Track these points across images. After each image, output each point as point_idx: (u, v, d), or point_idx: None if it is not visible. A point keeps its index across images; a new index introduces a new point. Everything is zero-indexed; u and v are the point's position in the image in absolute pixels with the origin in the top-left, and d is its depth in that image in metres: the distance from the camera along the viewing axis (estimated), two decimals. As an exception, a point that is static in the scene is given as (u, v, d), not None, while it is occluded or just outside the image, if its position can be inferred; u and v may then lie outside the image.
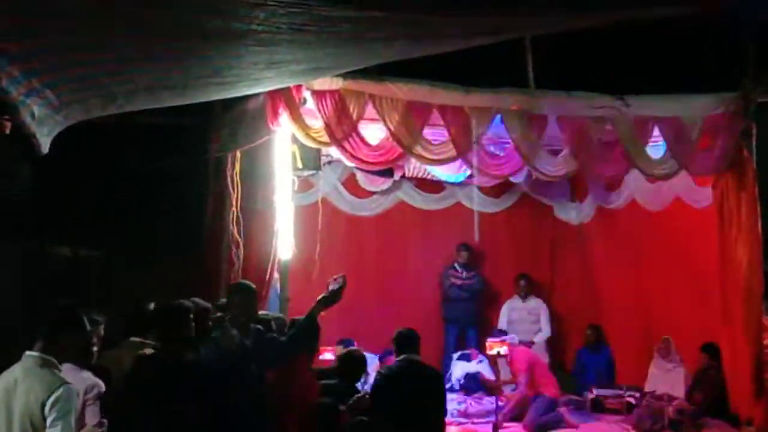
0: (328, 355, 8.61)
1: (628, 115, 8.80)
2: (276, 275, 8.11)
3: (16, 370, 4.56)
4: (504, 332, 10.12)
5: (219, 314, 6.25)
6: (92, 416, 5.12)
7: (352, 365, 6.79)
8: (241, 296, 6.00)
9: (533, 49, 9.08)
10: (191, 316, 5.78)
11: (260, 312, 6.97)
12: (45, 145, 5.39)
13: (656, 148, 9.11)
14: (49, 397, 4.36)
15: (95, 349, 5.61)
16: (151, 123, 8.67)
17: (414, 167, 10.59)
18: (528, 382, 9.56)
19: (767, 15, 6.52)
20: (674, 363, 10.12)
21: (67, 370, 4.86)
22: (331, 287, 6.23)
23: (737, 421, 8.75)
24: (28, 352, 4.62)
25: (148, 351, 5.78)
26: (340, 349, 8.16)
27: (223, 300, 6.65)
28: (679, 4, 5.76)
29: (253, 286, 6.20)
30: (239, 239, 8.38)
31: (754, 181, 8.83)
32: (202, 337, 5.85)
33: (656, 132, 8.95)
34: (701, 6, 5.79)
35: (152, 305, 6.20)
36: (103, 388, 5.26)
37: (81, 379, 5.09)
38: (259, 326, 5.98)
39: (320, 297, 6.16)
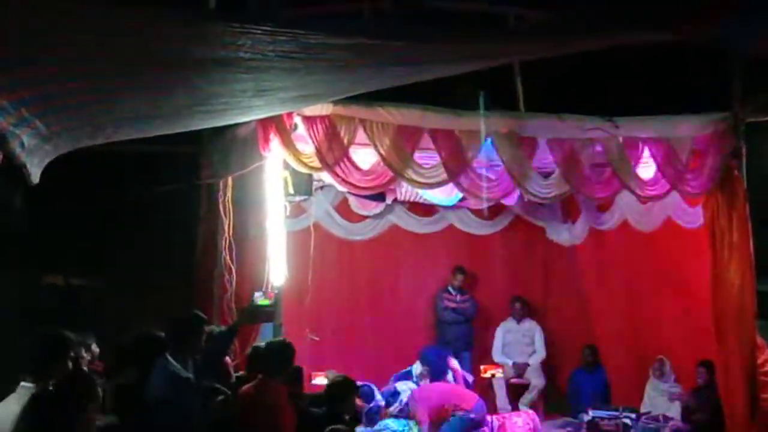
0: (320, 380, 8.59)
1: (617, 136, 8.85)
2: (269, 301, 8.08)
3: (11, 402, 4.56)
4: None
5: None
6: None
7: (337, 391, 6.65)
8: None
9: (523, 72, 9.15)
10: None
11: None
12: (36, 175, 5.40)
13: (646, 169, 9.14)
14: None
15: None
16: (142, 151, 8.70)
17: (406, 191, 10.59)
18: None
19: (750, 46, 6.57)
20: (669, 383, 10.11)
21: None
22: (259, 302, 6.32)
23: (733, 442, 8.75)
24: (23, 383, 4.62)
25: None
26: (332, 374, 8.09)
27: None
28: (662, 32, 5.80)
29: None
30: (232, 265, 8.38)
31: (744, 200, 8.86)
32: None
33: (646, 153, 8.98)
34: (684, 34, 5.84)
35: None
36: None
37: None
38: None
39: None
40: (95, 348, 6.45)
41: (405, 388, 9.69)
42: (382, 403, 9.52)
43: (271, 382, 6.18)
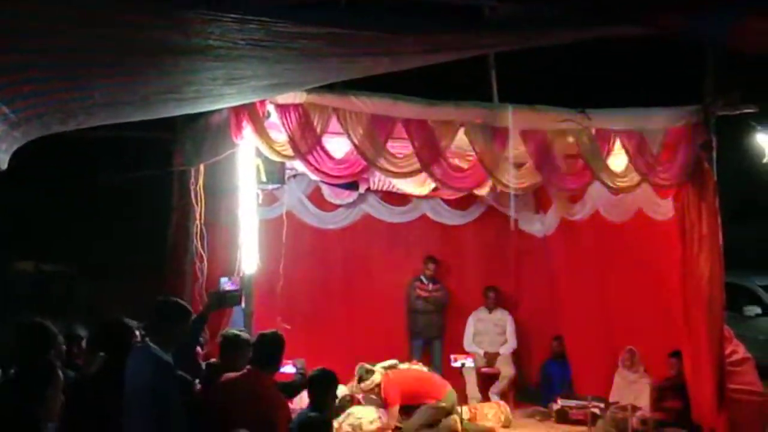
0: (288, 368, 8.57)
1: (590, 128, 8.88)
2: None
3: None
4: None
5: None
6: None
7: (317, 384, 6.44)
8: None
9: (497, 63, 9.16)
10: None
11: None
12: (3, 161, 5.37)
13: (618, 160, 9.18)
14: None
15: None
16: (114, 137, 8.65)
17: (379, 180, 10.59)
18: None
19: (723, 40, 6.60)
20: (638, 373, 10.19)
21: None
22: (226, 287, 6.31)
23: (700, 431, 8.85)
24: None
25: None
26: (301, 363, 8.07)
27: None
28: (634, 26, 5.83)
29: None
30: (203, 253, 8.35)
31: (714, 193, 8.92)
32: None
33: (618, 145, 9.02)
34: (656, 28, 5.87)
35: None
36: None
37: None
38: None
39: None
40: (84, 343, 6.40)
41: (379, 369, 9.71)
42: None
43: (261, 374, 6.06)
